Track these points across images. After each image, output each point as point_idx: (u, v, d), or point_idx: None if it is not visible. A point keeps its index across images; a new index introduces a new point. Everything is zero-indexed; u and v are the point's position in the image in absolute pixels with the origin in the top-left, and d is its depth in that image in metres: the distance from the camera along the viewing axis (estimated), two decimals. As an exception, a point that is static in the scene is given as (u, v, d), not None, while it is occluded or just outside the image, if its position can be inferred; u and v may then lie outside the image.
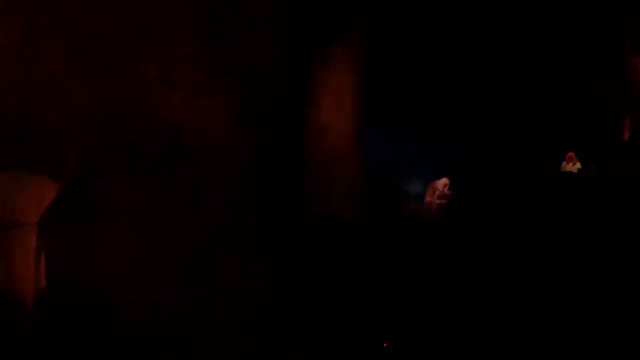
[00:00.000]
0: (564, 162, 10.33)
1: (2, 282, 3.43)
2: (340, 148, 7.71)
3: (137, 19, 3.37)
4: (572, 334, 5.62)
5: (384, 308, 5.82)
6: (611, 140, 10.10)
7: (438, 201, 9.90)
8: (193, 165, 3.57)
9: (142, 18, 3.38)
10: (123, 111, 3.40)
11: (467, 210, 8.86)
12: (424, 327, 5.67)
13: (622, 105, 10.06)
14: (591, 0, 10.10)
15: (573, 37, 10.63)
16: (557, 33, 10.72)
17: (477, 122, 10.82)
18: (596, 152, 10.11)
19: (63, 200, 3.40)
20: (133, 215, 3.34)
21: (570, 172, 10.01)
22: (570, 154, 10.33)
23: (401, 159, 9.78)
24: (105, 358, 3.31)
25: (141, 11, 3.43)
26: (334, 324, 5.06)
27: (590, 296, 5.93)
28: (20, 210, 3.48)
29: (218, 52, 3.72)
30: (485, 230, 7.32)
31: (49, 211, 3.38)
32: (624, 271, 6.12)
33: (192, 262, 3.52)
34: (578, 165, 10.20)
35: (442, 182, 10.28)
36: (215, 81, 3.73)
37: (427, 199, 10.00)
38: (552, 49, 10.94)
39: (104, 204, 3.34)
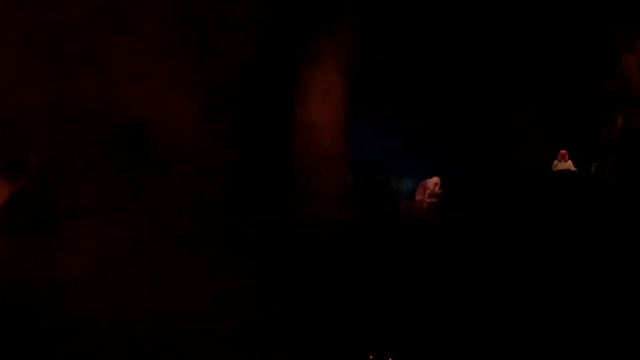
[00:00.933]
0: (556, 160, 10.24)
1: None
2: (327, 146, 7.48)
3: (98, 2, 3.10)
4: (570, 335, 5.46)
5: (375, 312, 5.61)
6: (604, 137, 9.96)
7: (429, 200, 9.70)
8: (163, 164, 3.29)
9: (104, 2, 3.11)
10: (85, 105, 3.12)
11: (458, 209, 8.69)
12: (416, 330, 5.48)
13: (615, 102, 9.93)
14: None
15: (567, 34, 10.53)
16: (551, 31, 10.62)
17: (469, 120, 10.68)
18: (591, 149, 10.01)
19: (20, 202, 3.13)
20: (97, 217, 3.06)
21: (564, 170, 9.90)
22: (563, 151, 10.22)
23: (391, 157, 9.63)
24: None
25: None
26: (320, 331, 4.84)
27: (585, 296, 5.79)
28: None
29: (191, 41, 3.45)
30: (478, 230, 7.16)
31: (3, 213, 3.11)
32: (622, 271, 5.96)
33: (162, 268, 3.25)
34: (570, 163, 10.12)
35: (433, 181, 10.07)
36: (188, 73, 3.44)
37: (418, 197, 9.79)
38: (546, 46, 10.83)
39: (66, 204, 3.06)
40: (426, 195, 10.29)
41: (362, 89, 8.34)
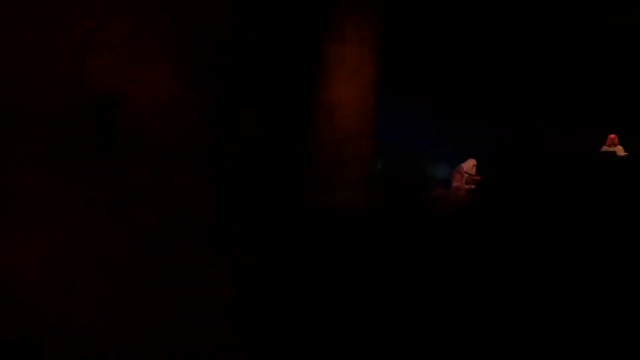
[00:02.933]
0: (605, 145, 9.55)
1: None
2: (352, 128, 6.92)
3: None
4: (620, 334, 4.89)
5: (402, 310, 5.10)
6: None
7: (466, 186, 9.03)
8: (129, 149, 2.76)
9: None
10: (38, 78, 2.60)
11: (497, 196, 8.09)
12: (447, 329, 4.98)
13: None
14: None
15: (612, 14, 9.82)
16: (594, 9, 9.92)
17: (508, 101, 10.02)
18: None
19: None
20: (49, 214, 2.56)
21: (614, 155, 9.18)
22: (612, 135, 9.54)
23: (423, 141, 9.04)
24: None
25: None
26: (338, 331, 4.35)
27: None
28: None
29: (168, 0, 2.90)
30: (520, 220, 6.58)
31: None
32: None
33: (127, 274, 2.73)
34: (620, 148, 9.42)
35: (470, 164, 9.40)
36: (160, 37, 2.90)
37: (454, 184, 9.15)
38: (590, 27, 10.12)
39: (11, 197, 2.56)
40: (463, 181, 9.60)
41: (392, 67, 7.76)
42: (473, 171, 9.28)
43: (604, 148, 9.50)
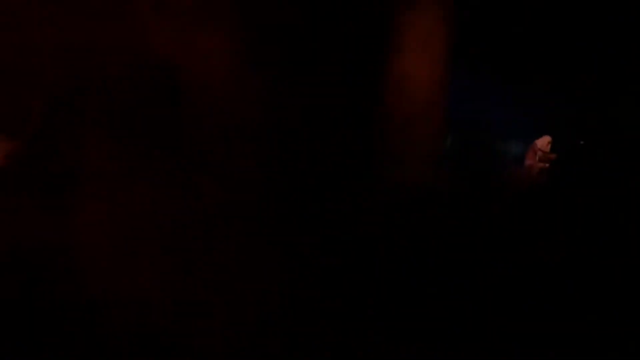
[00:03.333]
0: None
1: None
2: (423, 101, 6.50)
3: None
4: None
5: (478, 300, 4.78)
6: None
7: (540, 164, 8.53)
8: (194, 119, 2.55)
9: None
10: (104, 47, 2.43)
11: (572, 176, 7.61)
12: (526, 321, 4.64)
13: None
14: None
15: None
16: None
17: (588, 74, 9.44)
18: None
19: (22, 162, 2.52)
20: (114, 184, 2.41)
21: None
22: None
23: (497, 116, 8.57)
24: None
25: None
26: (403, 323, 4.06)
27: None
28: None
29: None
30: (599, 202, 6.11)
31: (4, 170, 2.52)
32: None
33: (191, 249, 2.57)
34: None
35: (544, 141, 8.87)
36: (231, 9, 2.66)
37: (528, 162, 8.64)
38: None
39: (76, 167, 2.42)
40: (537, 159, 9.07)
41: (466, 36, 7.29)
42: (548, 149, 8.77)
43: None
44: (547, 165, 8.36)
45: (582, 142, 7.76)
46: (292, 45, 2.79)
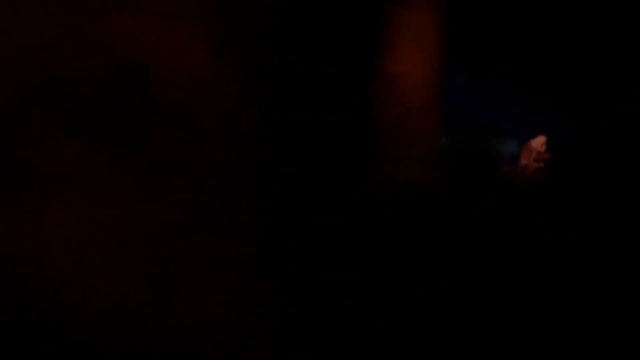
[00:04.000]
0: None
1: None
2: (416, 100, 6.48)
3: None
4: None
5: (474, 299, 4.72)
6: None
7: (535, 164, 8.53)
8: (166, 118, 2.45)
9: None
10: (73, 46, 2.32)
11: (567, 176, 7.58)
12: (519, 324, 4.57)
13: None
14: None
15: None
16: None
17: (584, 73, 9.44)
18: None
19: None
20: (84, 186, 2.28)
21: None
22: None
23: (491, 115, 8.58)
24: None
25: None
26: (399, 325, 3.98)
27: None
28: None
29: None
30: (593, 201, 6.08)
31: None
32: None
33: (166, 255, 2.44)
34: None
35: (540, 141, 8.89)
36: (211, 3, 2.57)
37: (523, 161, 8.65)
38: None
39: (43, 169, 2.30)
40: (531, 159, 9.11)
41: (459, 34, 7.27)
42: (543, 149, 8.78)
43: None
44: (542, 164, 8.37)
45: (577, 143, 7.73)
46: (274, 42, 2.70)
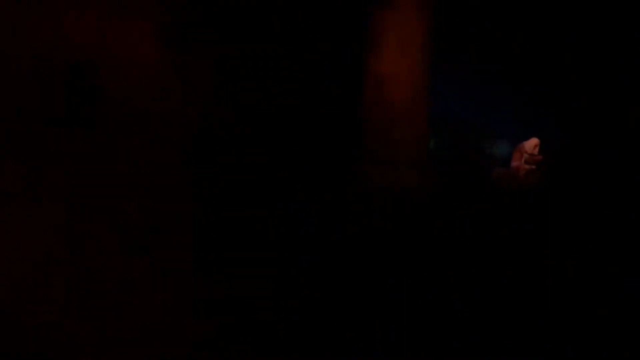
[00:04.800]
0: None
1: None
2: (404, 103, 6.38)
3: None
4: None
5: (462, 303, 4.64)
6: None
7: (526, 166, 8.45)
8: (111, 123, 2.32)
9: None
10: (14, 43, 2.20)
11: (561, 178, 7.50)
12: (507, 323, 4.51)
13: None
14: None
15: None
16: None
17: (573, 74, 9.40)
18: None
19: None
20: (19, 204, 2.16)
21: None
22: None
23: (481, 117, 8.50)
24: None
25: None
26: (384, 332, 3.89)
27: None
28: None
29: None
30: (584, 204, 6.00)
31: None
32: None
33: (112, 273, 2.33)
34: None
35: (532, 144, 8.81)
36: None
37: (514, 163, 8.57)
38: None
39: None
40: (523, 161, 9.04)
41: (447, 35, 7.18)
42: (535, 151, 8.71)
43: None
44: (533, 167, 8.29)
45: (569, 145, 7.65)
46: (238, 39, 2.58)
